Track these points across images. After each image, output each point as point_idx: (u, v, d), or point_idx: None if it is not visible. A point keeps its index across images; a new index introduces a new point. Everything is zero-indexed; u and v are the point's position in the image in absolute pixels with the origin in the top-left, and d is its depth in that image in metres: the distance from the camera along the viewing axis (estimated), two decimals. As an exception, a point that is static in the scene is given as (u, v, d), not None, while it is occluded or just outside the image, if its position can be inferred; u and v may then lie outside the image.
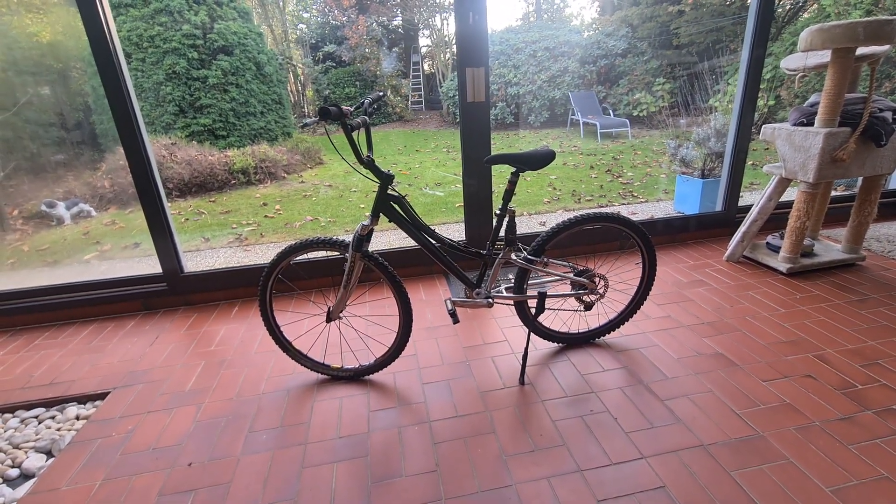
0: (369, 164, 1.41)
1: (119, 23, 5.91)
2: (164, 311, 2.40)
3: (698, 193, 3.14)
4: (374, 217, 1.48)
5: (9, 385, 1.84)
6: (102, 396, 1.76)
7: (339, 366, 1.74)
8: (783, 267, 2.32)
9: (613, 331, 1.87)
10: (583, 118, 7.88)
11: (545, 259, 1.63)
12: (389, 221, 1.50)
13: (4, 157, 4.28)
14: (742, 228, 2.49)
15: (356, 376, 1.73)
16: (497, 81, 9.40)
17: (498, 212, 1.54)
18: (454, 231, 3.69)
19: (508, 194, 1.52)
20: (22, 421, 1.68)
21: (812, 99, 2.19)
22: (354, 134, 1.32)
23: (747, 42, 2.56)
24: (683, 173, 3.22)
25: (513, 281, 1.68)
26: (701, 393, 1.55)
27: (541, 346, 1.87)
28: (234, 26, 6.43)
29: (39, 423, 1.67)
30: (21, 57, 4.94)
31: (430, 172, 5.83)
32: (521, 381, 1.65)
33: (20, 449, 1.53)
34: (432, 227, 1.55)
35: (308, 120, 1.20)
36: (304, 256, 1.87)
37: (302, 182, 5.40)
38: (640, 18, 8.52)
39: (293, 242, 1.57)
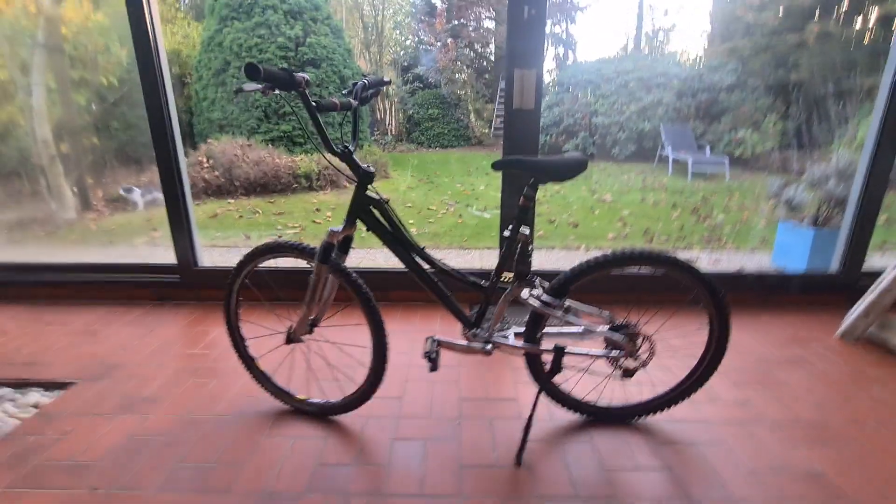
0: (346, 157, 1.13)
1: (224, 34, 6.43)
2: (174, 303, 2.30)
3: (807, 246, 2.48)
4: (349, 223, 1.20)
5: (-5, 358, 1.79)
6: (67, 386, 1.63)
7: (304, 397, 1.45)
8: (930, 359, 1.66)
9: (662, 410, 1.39)
10: (673, 154, 7.13)
11: (567, 304, 1.23)
12: (367, 230, 1.20)
13: (104, 143, 4.69)
14: (869, 297, 1.86)
15: (321, 413, 1.43)
16: (581, 110, 8.95)
17: (507, 233, 1.18)
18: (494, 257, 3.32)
19: (524, 211, 1.16)
20: (-14, 398, 1.59)
21: None
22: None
23: (893, 61, 1.97)
24: (789, 219, 2.57)
25: (525, 325, 1.29)
26: (782, 535, 1.03)
27: (559, 415, 1.44)
28: (324, 41, 6.73)
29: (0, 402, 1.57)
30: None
31: (491, 195, 5.53)
32: (518, 461, 1.24)
33: (-38, 429, 1.42)
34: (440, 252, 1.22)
35: (245, 85, 0.96)
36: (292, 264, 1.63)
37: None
38: (752, 50, 7.64)
39: (261, 245, 1.33)
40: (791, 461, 1.25)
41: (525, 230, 1.17)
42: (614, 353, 1.26)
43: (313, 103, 1.03)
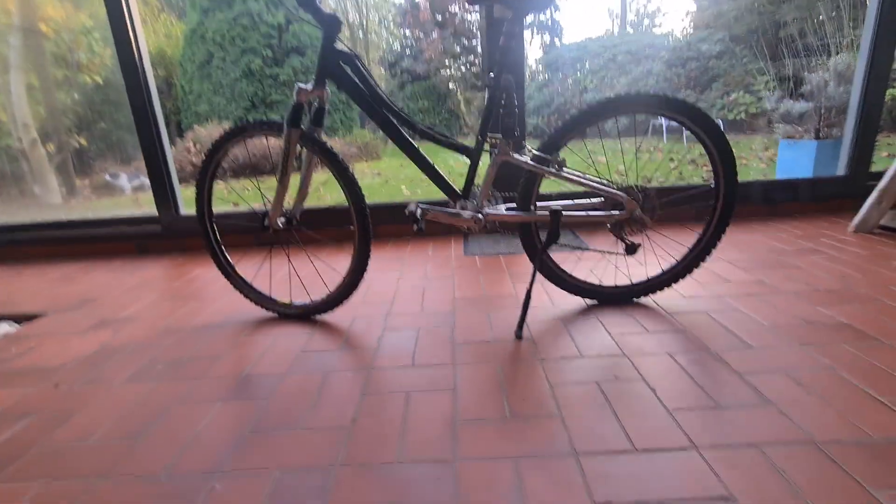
0: (307, 4, 1.04)
1: (206, 25, 6.38)
2: (157, 254, 2.21)
3: (810, 160, 2.38)
4: (318, 82, 1.11)
5: (-36, 301, 1.70)
6: (38, 317, 1.53)
7: (287, 301, 1.36)
8: (951, 234, 1.56)
9: (670, 285, 1.29)
10: (667, 121, 7.06)
11: (561, 159, 1.14)
12: (339, 90, 1.11)
13: (87, 134, 4.61)
14: (880, 184, 1.76)
15: (306, 314, 1.33)
16: (571, 88, 8.89)
17: (489, 81, 1.09)
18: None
19: (506, 53, 1.07)
20: (-48, 333, 1.50)
21: None
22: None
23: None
24: (788, 137, 2.47)
25: (518, 192, 1.20)
26: (811, 369, 0.93)
27: (561, 302, 1.34)
28: (308, 28, 6.68)
29: (-35, 335, 1.47)
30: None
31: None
32: (518, 335, 1.14)
33: (-77, 356, 1.33)
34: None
35: None
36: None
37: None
38: (736, 11, 7.59)
39: (231, 127, 1.25)
40: (813, 317, 1.15)
41: (508, 77, 1.08)
42: (616, 213, 1.17)
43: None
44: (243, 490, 0.72)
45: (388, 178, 4.79)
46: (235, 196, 4.18)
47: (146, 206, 4.03)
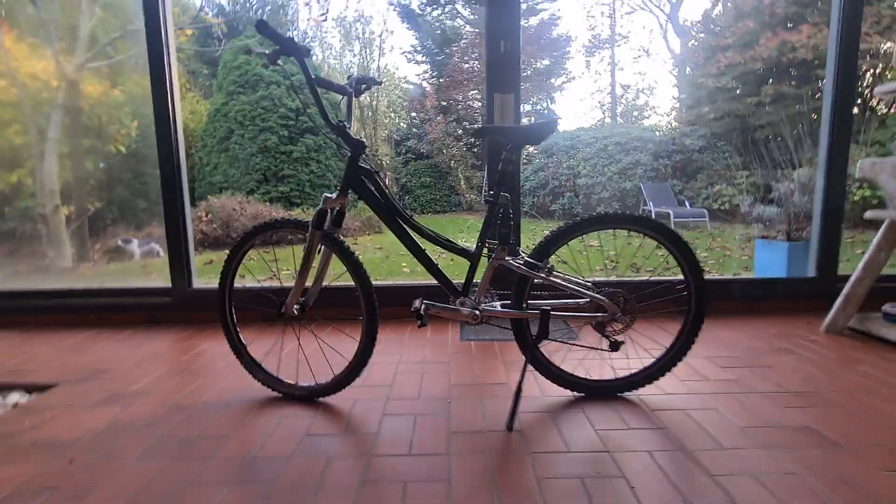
0: (340, 130, 1.25)
1: (230, 106, 6.93)
2: (166, 325, 2.30)
3: (783, 260, 2.57)
4: (342, 192, 1.29)
5: (-22, 367, 1.76)
6: (50, 388, 1.60)
7: (293, 382, 1.44)
8: (911, 341, 1.69)
9: (651, 382, 1.39)
10: (655, 208, 7.46)
11: (551, 266, 1.29)
12: (359, 198, 1.29)
13: (109, 198, 4.87)
14: (845, 290, 1.92)
15: (310, 396, 1.41)
16: (566, 173, 9.45)
17: (489, 198, 1.27)
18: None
19: (505, 176, 1.26)
20: (-35, 400, 1.55)
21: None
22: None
23: (829, 82, 2.22)
24: (763, 237, 2.69)
25: (511, 293, 1.34)
26: (776, 474, 1.01)
27: (549, 391, 1.43)
28: (322, 111, 7.25)
29: (-22, 403, 1.53)
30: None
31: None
32: (509, 426, 1.22)
33: (-62, 423, 1.38)
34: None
35: (254, 48, 1.09)
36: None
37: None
38: (716, 113, 8.31)
39: (258, 223, 1.41)
40: (781, 420, 1.24)
41: (505, 195, 1.26)
42: (599, 315, 1.30)
43: (313, 76, 1.17)
44: (250, 576, 0.77)
45: (388, 252, 4.99)
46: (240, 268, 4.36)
47: (154, 272, 4.16)
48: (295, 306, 1.37)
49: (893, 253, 1.87)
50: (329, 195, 1.27)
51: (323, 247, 1.33)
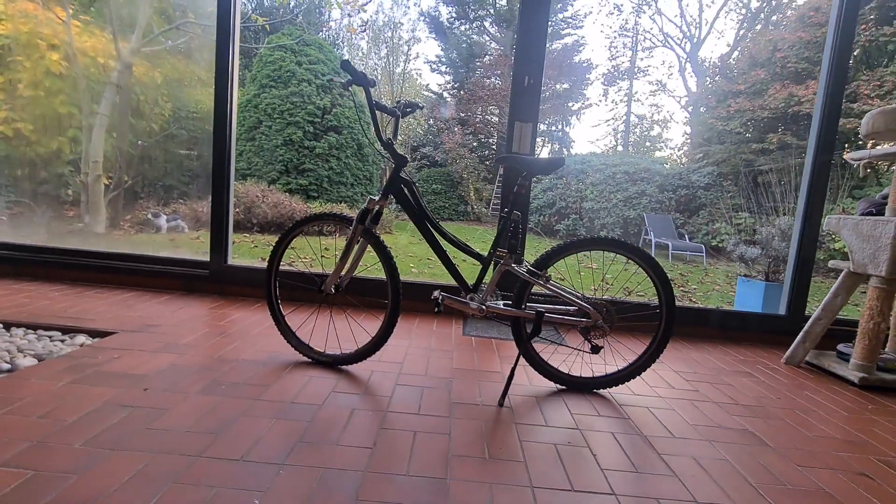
0: (388, 146, 1.52)
1: (262, 97, 7.25)
2: (200, 295, 2.56)
3: (759, 297, 2.83)
4: (384, 195, 1.56)
5: (44, 311, 2.02)
6: (110, 335, 1.86)
7: (321, 350, 1.70)
8: (855, 377, 1.94)
9: (623, 382, 1.64)
10: (656, 238, 7.72)
11: (548, 276, 1.55)
12: (396, 203, 1.56)
13: (143, 173, 5.15)
14: (805, 327, 2.17)
15: (335, 363, 1.67)
16: (573, 195, 9.73)
17: (503, 214, 1.54)
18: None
19: (518, 197, 1.53)
20: (38, 337, 1.81)
21: (883, 192, 2.01)
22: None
23: (812, 141, 2.49)
24: (745, 276, 2.95)
25: (513, 296, 1.60)
26: (711, 458, 1.26)
27: (537, 383, 1.68)
28: (347, 112, 7.56)
29: (51, 340, 1.79)
30: (185, 107, 6.15)
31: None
32: (501, 403, 1.48)
33: (21, 352, 1.64)
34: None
35: (337, 78, 1.37)
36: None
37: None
38: (723, 154, 8.60)
39: (307, 215, 1.68)
40: (726, 423, 1.49)
41: (517, 213, 1.53)
42: (584, 320, 1.56)
43: (374, 102, 1.44)
44: (299, 478, 1.03)
45: (397, 253, 5.26)
46: (259, 251, 4.63)
47: (182, 246, 4.44)
48: (333, 286, 1.64)
49: (851, 299, 2.13)
50: (374, 198, 1.54)
51: (361, 239, 1.60)
